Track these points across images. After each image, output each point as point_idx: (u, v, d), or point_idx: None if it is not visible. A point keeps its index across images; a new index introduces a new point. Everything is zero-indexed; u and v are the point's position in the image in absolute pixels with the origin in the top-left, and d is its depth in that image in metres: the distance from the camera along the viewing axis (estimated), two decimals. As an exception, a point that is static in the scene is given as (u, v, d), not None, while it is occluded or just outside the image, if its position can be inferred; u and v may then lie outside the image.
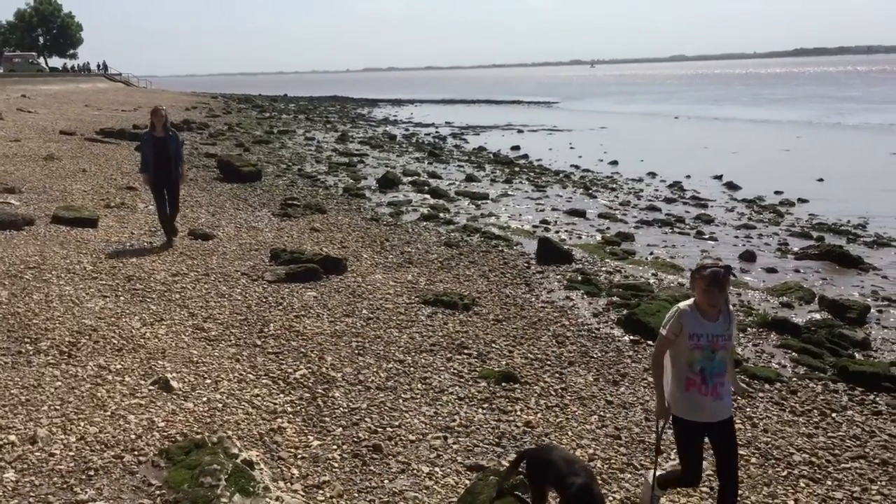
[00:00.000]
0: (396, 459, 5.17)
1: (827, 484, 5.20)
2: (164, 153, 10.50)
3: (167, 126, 10.73)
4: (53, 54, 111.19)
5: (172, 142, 10.65)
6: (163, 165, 10.53)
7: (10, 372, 5.89)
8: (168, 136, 10.63)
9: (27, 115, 32.62)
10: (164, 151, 10.50)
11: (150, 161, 10.48)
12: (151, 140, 10.55)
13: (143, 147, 10.73)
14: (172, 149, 10.61)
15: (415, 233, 13.26)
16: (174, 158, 10.63)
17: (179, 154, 10.84)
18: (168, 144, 10.55)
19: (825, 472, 5.35)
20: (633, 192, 20.02)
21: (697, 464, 4.39)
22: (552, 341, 7.84)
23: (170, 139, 10.63)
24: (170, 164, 10.57)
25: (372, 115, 56.03)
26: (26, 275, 8.56)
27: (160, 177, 10.61)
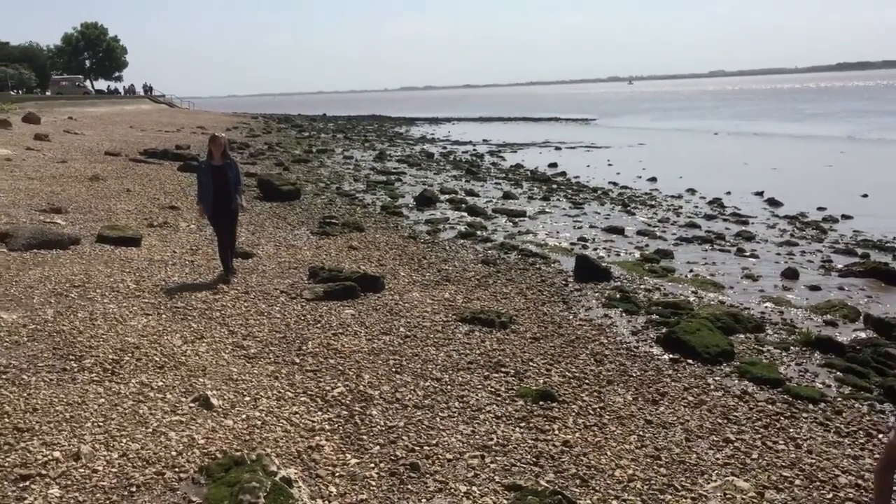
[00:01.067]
0: (434, 478, 5.16)
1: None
2: (223, 183, 9.86)
3: (226, 154, 10.06)
4: (99, 77, 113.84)
5: (231, 170, 10.02)
6: (221, 196, 9.87)
7: (56, 389, 6.00)
8: (226, 164, 9.98)
9: (74, 136, 33.40)
10: (223, 181, 9.86)
11: (208, 191, 9.84)
12: (209, 169, 9.92)
13: (199, 176, 10.11)
14: (231, 178, 9.97)
15: (452, 250, 13.29)
16: (233, 188, 10.00)
17: (238, 183, 10.19)
18: (226, 173, 9.91)
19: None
20: (672, 208, 19.85)
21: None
22: (590, 359, 7.78)
23: (228, 168, 9.98)
24: (228, 194, 9.92)
25: (409, 134, 56.39)
26: (72, 293, 8.73)
27: (218, 208, 9.93)
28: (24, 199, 15.25)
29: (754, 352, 8.31)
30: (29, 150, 25.01)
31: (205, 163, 10.20)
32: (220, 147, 9.88)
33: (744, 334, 8.92)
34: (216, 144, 9.90)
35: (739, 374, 7.49)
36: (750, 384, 7.24)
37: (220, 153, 9.89)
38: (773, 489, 5.24)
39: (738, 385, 7.23)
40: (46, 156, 23.94)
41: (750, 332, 9.00)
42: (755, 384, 7.24)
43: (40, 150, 25.51)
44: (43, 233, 11.39)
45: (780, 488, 5.26)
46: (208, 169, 9.93)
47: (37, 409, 5.56)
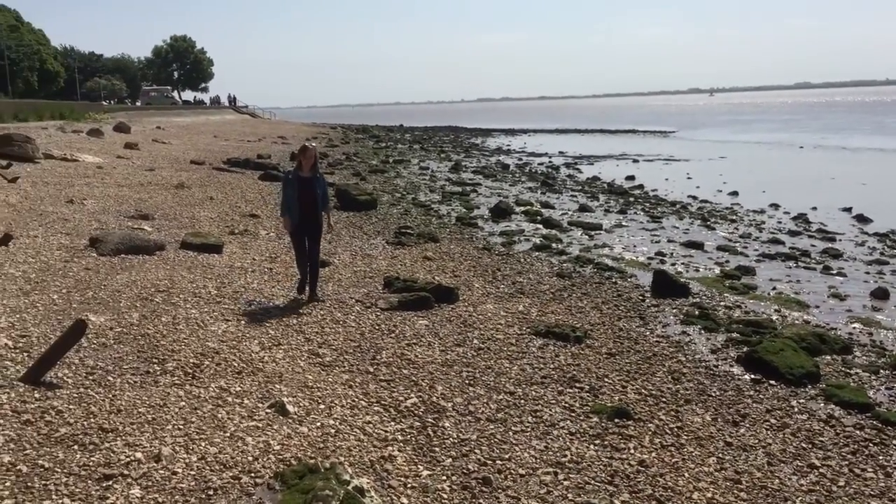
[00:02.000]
0: (506, 493, 5.11)
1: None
2: (310, 197, 9.26)
3: (315, 166, 9.50)
4: (186, 88, 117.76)
5: (319, 185, 9.41)
6: (307, 211, 9.30)
7: (139, 391, 6.17)
8: (315, 177, 9.40)
9: (161, 145, 34.58)
10: (310, 195, 9.26)
11: (294, 205, 9.25)
12: (296, 181, 9.31)
13: (285, 188, 9.48)
14: (319, 193, 9.36)
15: (527, 263, 13.21)
16: (320, 204, 9.40)
17: (326, 198, 9.57)
18: (315, 187, 9.31)
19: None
20: (754, 223, 19.31)
21: None
22: (667, 377, 7.60)
23: (317, 181, 9.39)
24: (315, 209, 9.34)
25: (485, 145, 56.47)
26: (156, 298, 8.99)
27: (303, 224, 9.36)
28: (114, 205, 15.84)
29: (841, 374, 7.99)
30: (119, 158, 26.00)
31: (292, 174, 9.55)
32: (310, 158, 9.33)
33: (830, 356, 8.58)
34: (306, 155, 9.32)
35: (825, 398, 7.21)
36: (837, 408, 6.96)
37: (310, 165, 9.35)
38: (862, 519, 5.01)
39: (824, 409, 6.96)
40: (135, 164, 24.84)
41: (837, 354, 8.66)
42: (842, 408, 6.95)
43: (129, 158, 26.49)
44: (131, 238, 11.79)
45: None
46: (295, 181, 9.33)
47: (121, 411, 5.72)
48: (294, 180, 9.36)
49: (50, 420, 5.41)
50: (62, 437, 5.17)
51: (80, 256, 10.75)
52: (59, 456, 4.91)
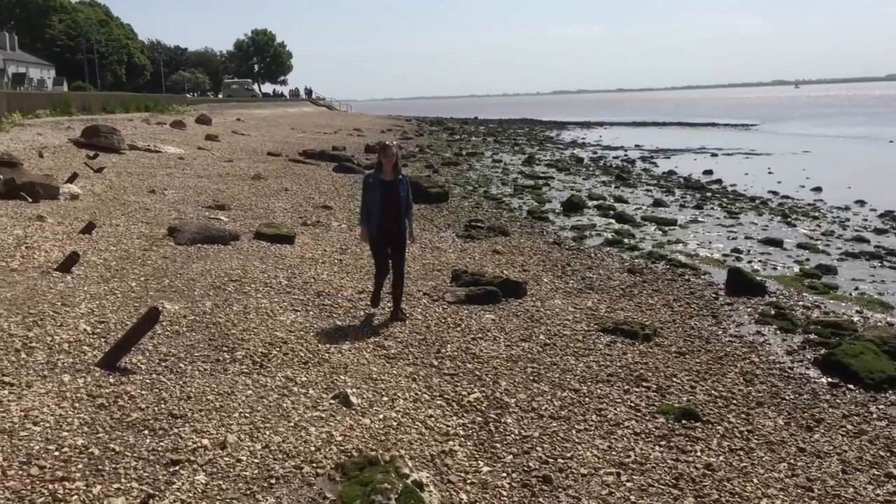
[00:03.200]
0: (566, 493, 5.05)
1: None
2: (393, 202, 8.24)
3: (398, 167, 8.48)
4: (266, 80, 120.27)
5: (403, 187, 8.38)
6: (389, 218, 8.28)
7: (209, 378, 6.32)
8: (398, 179, 8.36)
9: (240, 137, 35.39)
10: (393, 200, 8.24)
11: (375, 211, 8.25)
12: (378, 184, 8.28)
13: (365, 193, 8.44)
14: (402, 197, 8.35)
15: (597, 258, 13.03)
16: (403, 210, 8.38)
17: (410, 203, 8.53)
18: (398, 191, 8.29)
19: None
20: (837, 221, 18.61)
21: None
22: (739, 379, 7.39)
23: (400, 184, 8.35)
24: (398, 216, 8.32)
25: (560, 138, 55.94)
26: (229, 287, 9.19)
27: (384, 233, 8.36)
28: (193, 196, 16.27)
29: (926, 380, 7.62)
30: (200, 149, 26.72)
31: (372, 176, 8.41)
32: (391, 158, 8.29)
33: (915, 361, 8.19)
34: (387, 155, 8.28)
35: (907, 404, 6.90)
36: (919, 416, 6.65)
37: (392, 166, 8.32)
38: (942, 534, 4.77)
39: (906, 416, 6.66)
40: (215, 155, 25.49)
41: (922, 359, 8.26)
42: (925, 416, 6.64)
43: (210, 149, 27.19)
44: (207, 228, 12.09)
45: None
46: (377, 184, 8.28)
47: (190, 397, 5.86)
48: (376, 184, 8.29)
49: (123, 405, 5.59)
50: (133, 422, 5.33)
51: (159, 245, 11.07)
52: (130, 440, 5.06)
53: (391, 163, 8.31)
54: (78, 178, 16.09)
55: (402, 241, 8.49)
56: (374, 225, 8.30)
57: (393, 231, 8.37)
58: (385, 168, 8.30)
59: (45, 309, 7.48)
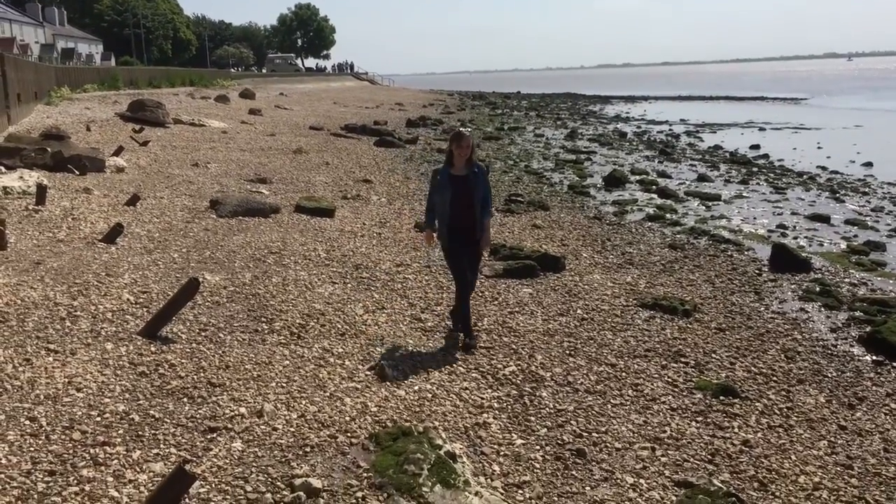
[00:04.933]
0: (600, 466, 5.03)
1: None
2: (466, 201, 6.80)
3: (472, 159, 6.90)
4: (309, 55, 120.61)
5: (479, 183, 6.88)
6: (462, 220, 6.83)
7: (247, 348, 6.41)
8: (474, 173, 6.87)
9: (283, 111, 35.64)
10: (466, 198, 6.79)
11: (445, 212, 6.86)
12: (447, 181, 6.86)
13: (432, 192, 7.08)
14: (479, 195, 6.85)
15: (638, 233, 12.89)
16: (479, 209, 6.87)
17: (489, 202, 7.02)
18: (472, 187, 6.81)
19: None
20: (888, 196, 18.10)
21: None
22: (780, 356, 7.27)
23: (476, 178, 6.86)
24: (472, 217, 6.85)
25: (603, 113, 55.26)
26: (268, 259, 9.29)
27: (457, 237, 6.91)
28: (235, 169, 16.44)
29: (975, 360, 7.43)
30: (243, 123, 26.98)
31: (441, 172, 7.00)
32: (465, 150, 6.77)
33: (964, 340, 7.98)
34: (461, 146, 6.77)
35: (955, 384, 6.73)
36: (967, 395, 6.49)
37: (466, 159, 6.81)
38: None
39: (952, 395, 6.50)
40: (258, 129, 25.71)
41: (972, 338, 8.04)
42: (973, 396, 6.47)
43: (253, 123, 27.44)
44: (248, 201, 12.22)
45: None
46: (447, 182, 6.86)
47: (229, 367, 5.96)
48: (445, 181, 6.86)
49: (163, 373, 5.70)
50: (173, 390, 5.44)
51: (201, 217, 11.22)
52: (170, 407, 5.17)
53: (465, 155, 6.77)
54: (123, 151, 16.37)
55: (476, 245, 7.03)
56: (444, 227, 6.92)
57: (467, 237, 6.91)
58: (456, 161, 6.81)
59: (90, 279, 7.64)
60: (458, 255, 6.98)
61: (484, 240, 7.04)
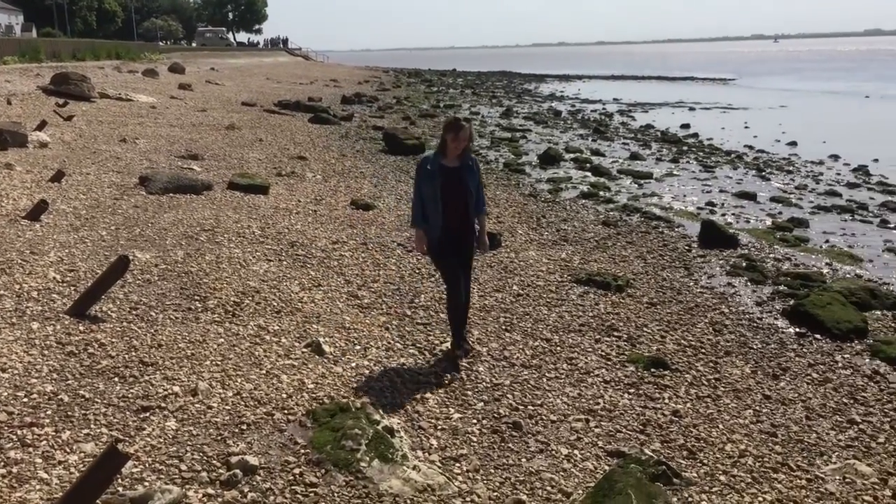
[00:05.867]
0: (536, 439, 5.12)
1: None
2: (459, 196, 6.05)
3: (468, 151, 6.15)
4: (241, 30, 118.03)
5: (472, 176, 6.13)
6: (455, 219, 6.08)
7: (180, 327, 6.30)
8: (466, 165, 6.11)
9: (214, 86, 34.83)
10: (459, 193, 6.05)
11: (437, 208, 6.02)
12: (436, 172, 6.03)
13: (418, 183, 6.17)
14: (472, 188, 6.12)
15: (572, 210, 13.06)
16: (471, 203, 6.15)
17: (481, 196, 6.29)
18: (464, 180, 6.06)
19: None
20: (811, 175, 18.72)
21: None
22: (708, 329, 7.49)
23: (468, 171, 6.11)
24: (466, 213, 6.14)
25: (538, 91, 55.60)
26: (201, 237, 9.11)
27: (450, 238, 6.11)
28: (165, 145, 16.03)
29: (891, 330, 7.77)
30: (173, 98, 26.29)
31: (431, 160, 6.14)
32: (462, 143, 5.99)
33: (880, 311, 8.34)
34: (458, 137, 5.96)
35: (871, 353, 7.03)
36: (883, 364, 6.78)
37: (461, 150, 6.05)
38: (899, 477, 4.90)
39: (870, 364, 6.79)
40: (188, 105, 25.09)
41: (888, 310, 8.40)
42: (889, 364, 6.77)
43: (183, 99, 26.76)
44: (179, 178, 11.94)
45: (907, 476, 4.91)
46: (435, 172, 6.04)
47: (161, 345, 5.85)
48: (435, 172, 6.03)
49: (93, 352, 5.56)
50: (103, 370, 5.32)
51: (130, 194, 10.93)
52: (100, 387, 5.05)
53: (460, 146, 6.00)
54: (47, 126, 15.80)
55: (469, 249, 6.32)
56: (435, 228, 6.08)
57: (457, 236, 6.14)
58: (449, 151, 6.02)
59: (14, 257, 7.39)
60: (449, 257, 6.19)
61: (481, 240, 6.33)
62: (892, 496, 4.65)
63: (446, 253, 6.17)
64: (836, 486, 4.75)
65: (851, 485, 4.77)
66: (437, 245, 6.14)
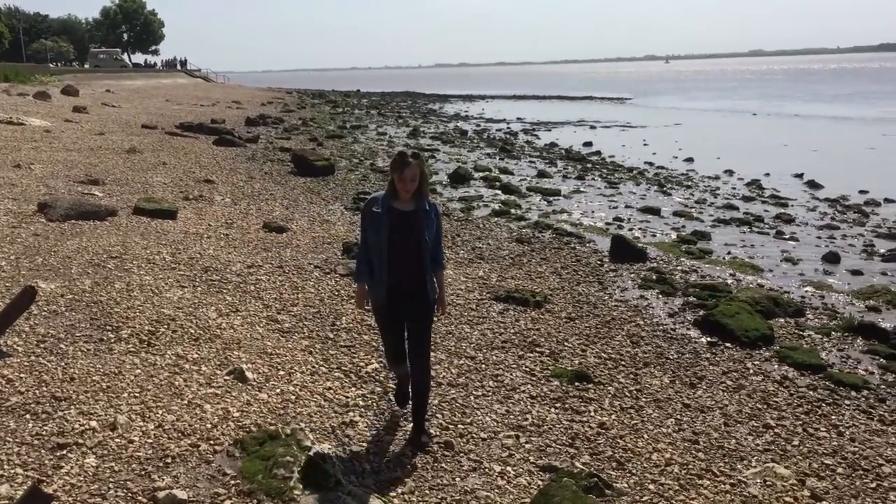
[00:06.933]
0: (468, 457, 5.12)
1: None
2: (408, 247, 4.93)
3: (423, 192, 4.97)
4: (137, 51, 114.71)
5: (429, 223, 4.99)
6: (401, 272, 4.96)
7: (92, 359, 6.03)
8: (423, 210, 4.97)
9: (111, 109, 33.71)
10: (409, 243, 4.93)
11: (381, 260, 4.94)
12: (383, 216, 4.93)
13: (363, 227, 5.12)
14: (427, 238, 4.96)
15: (486, 228, 13.19)
16: (427, 256, 4.99)
17: (439, 248, 5.15)
18: (418, 227, 4.94)
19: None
20: (709, 189, 19.52)
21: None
22: (626, 341, 7.67)
23: (425, 217, 4.97)
24: (420, 268, 4.98)
25: (443, 111, 56.11)
26: (108, 264, 8.78)
27: (399, 297, 5.02)
28: (63, 170, 15.39)
29: (795, 336, 8.15)
30: (67, 121, 25.29)
31: (379, 202, 4.99)
32: (410, 184, 4.86)
33: (784, 318, 8.74)
34: (403, 178, 4.84)
35: (780, 359, 7.35)
36: (790, 369, 7.10)
37: (414, 189, 4.91)
38: (815, 477, 5.12)
39: (779, 370, 7.10)
40: (84, 128, 24.18)
41: (790, 317, 8.82)
42: (796, 370, 7.10)
43: (78, 122, 25.78)
44: (81, 204, 11.48)
45: (822, 476, 5.14)
46: (384, 216, 4.92)
47: (74, 379, 5.58)
48: (382, 215, 4.93)
49: (0, 389, 5.26)
50: (13, 407, 5.04)
51: (29, 222, 10.43)
52: (11, 425, 4.78)
53: (410, 189, 4.88)
54: (-67, 151, 14.94)
55: (424, 310, 5.11)
56: (380, 283, 5.01)
57: (408, 294, 5.02)
58: (400, 191, 4.89)
59: None
60: (393, 320, 5.16)
61: (441, 302, 5.25)
62: (810, 496, 4.85)
63: (393, 315, 5.12)
64: (758, 489, 4.93)
65: (772, 487, 4.95)
66: (381, 306, 5.11)
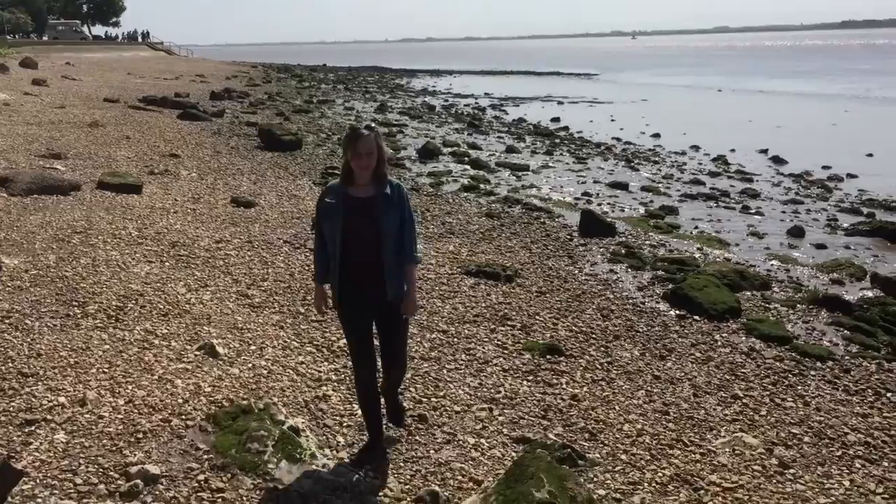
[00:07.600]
0: (442, 430, 5.13)
1: (883, 465, 5.05)
2: (369, 236, 4.25)
3: (382, 171, 4.29)
4: (96, 22, 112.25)
5: (391, 210, 4.26)
6: (359, 268, 4.30)
7: (59, 334, 5.94)
8: (383, 195, 4.27)
9: (72, 82, 33.04)
10: (367, 235, 4.25)
11: (337, 253, 4.28)
12: (341, 206, 4.25)
13: (320, 220, 4.43)
14: (389, 228, 4.25)
15: (455, 203, 13.17)
16: (390, 248, 4.28)
17: (411, 237, 4.38)
18: (380, 215, 4.24)
19: (881, 453, 5.20)
20: (676, 165, 19.68)
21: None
22: (597, 314, 7.73)
23: (387, 203, 4.26)
24: (379, 265, 4.26)
25: (411, 86, 55.76)
26: (73, 239, 8.63)
27: (358, 295, 4.37)
28: (23, 144, 15.07)
29: (761, 309, 8.27)
30: (27, 94, 24.74)
31: (333, 191, 4.36)
32: (366, 160, 4.18)
33: (750, 291, 8.86)
34: (358, 153, 4.17)
35: (747, 331, 7.45)
36: (757, 341, 7.21)
37: (371, 170, 4.23)
38: (782, 446, 5.22)
39: (746, 342, 7.20)
40: (44, 101, 23.69)
41: (756, 290, 8.94)
42: (763, 341, 7.21)
43: (38, 95, 25.24)
44: (43, 178, 11.26)
45: (789, 445, 5.24)
46: (340, 206, 4.26)
47: (41, 355, 5.50)
48: (338, 205, 4.26)
49: (-36, 366, 5.17)
50: (-22, 384, 4.95)
51: (-11, 197, 10.21)
52: (-24, 402, 4.70)
53: (367, 166, 4.19)
54: None
55: (388, 311, 4.43)
56: (336, 281, 4.36)
57: (370, 291, 4.33)
58: (357, 175, 4.22)
59: None
60: (357, 321, 4.47)
61: (409, 302, 4.45)
62: (778, 465, 4.94)
63: (357, 314, 4.44)
64: (728, 458, 5.01)
65: (741, 456, 5.04)
66: (339, 306, 4.45)
